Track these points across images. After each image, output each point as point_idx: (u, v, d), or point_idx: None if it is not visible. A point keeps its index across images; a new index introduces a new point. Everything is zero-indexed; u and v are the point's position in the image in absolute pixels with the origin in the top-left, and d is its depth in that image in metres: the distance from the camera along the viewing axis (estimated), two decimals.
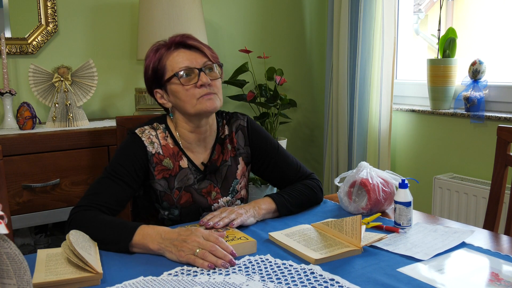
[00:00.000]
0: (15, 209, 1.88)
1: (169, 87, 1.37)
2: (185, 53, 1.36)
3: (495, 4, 2.54)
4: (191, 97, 1.34)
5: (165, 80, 1.37)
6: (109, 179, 1.31)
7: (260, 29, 3.01)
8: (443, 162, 2.49)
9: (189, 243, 1.07)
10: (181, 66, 1.34)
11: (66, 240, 1.07)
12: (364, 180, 1.37)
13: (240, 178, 1.49)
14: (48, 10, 2.32)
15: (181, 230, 1.12)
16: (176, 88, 1.35)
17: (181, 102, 1.36)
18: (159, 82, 1.39)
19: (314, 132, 3.31)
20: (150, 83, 1.41)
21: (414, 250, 1.12)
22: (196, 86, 1.34)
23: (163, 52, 1.37)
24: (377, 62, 2.61)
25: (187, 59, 1.35)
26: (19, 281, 0.75)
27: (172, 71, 1.35)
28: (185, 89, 1.34)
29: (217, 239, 1.09)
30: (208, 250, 1.06)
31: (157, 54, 1.38)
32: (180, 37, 1.38)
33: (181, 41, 1.38)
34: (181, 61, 1.35)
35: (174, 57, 1.36)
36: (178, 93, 1.35)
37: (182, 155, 1.42)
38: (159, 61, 1.37)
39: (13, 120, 2.16)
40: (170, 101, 1.40)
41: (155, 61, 1.37)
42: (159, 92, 1.41)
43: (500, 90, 2.29)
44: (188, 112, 1.36)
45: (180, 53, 1.36)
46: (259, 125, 1.55)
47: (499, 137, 1.53)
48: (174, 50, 1.37)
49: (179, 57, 1.35)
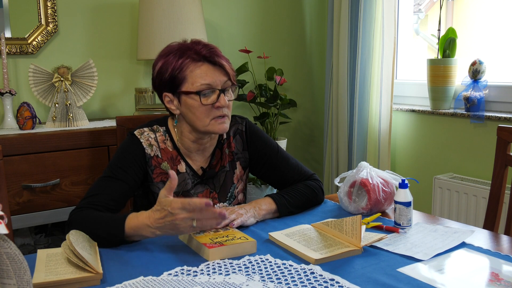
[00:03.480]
0: (15, 209, 1.88)
1: (184, 98, 1.34)
2: (209, 69, 1.33)
3: (495, 4, 2.54)
4: (205, 116, 1.33)
5: (182, 91, 1.33)
6: (108, 180, 1.32)
7: (260, 29, 3.02)
8: (443, 162, 2.49)
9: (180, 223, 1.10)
10: (203, 82, 1.31)
11: (66, 240, 1.07)
12: (364, 180, 1.37)
13: (237, 182, 1.50)
14: (48, 10, 2.32)
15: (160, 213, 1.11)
16: (193, 103, 1.33)
17: (193, 117, 1.34)
18: (173, 88, 1.35)
19: (314, 132, 3.31)
20: (162, 85, 1.37)
21: (414, 250, 1.12)
22: (213, 106, 1.33)
23: (187, 62, 1.32)
24: (377, 62, 2.61)
25: (211, 76, 1.32)
26: (19, 281, 0.75)
27: (192, 84, 1.32)
28: (201, 106, 1.32)
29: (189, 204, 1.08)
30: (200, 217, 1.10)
31: (179, 61, 1.33)
32: (207, 51, 1.33)
33: (208, 56, 1.33)
34: (204, 77, 1.32)
35: (198, 71, 1.32)
36: (193, 108, 1.33)
37: (180, 160, 1.42)
38: (181, 70, 1.32)
39: (13, 120, 2.16)
40: (180, 110, 1.37)
41: (177, 68, 1.33)
42: (168, 96, 1.37)
43: (500, 90, 2.29)
44: (198, 128, 1.36)
45: (205, 69, 1.32)
46: (258, 129, 1.55)
47: (499, 137, 1.53)
48: (199, 63, 1.33)
49: (203, 73, 1.32)
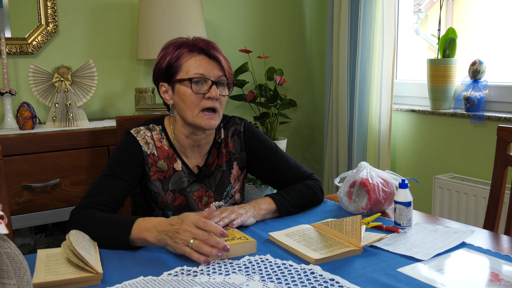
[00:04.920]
0: (15, 209, 1.88)
1: (178, 86, 1.37)
2: (204, 60, 1.36)
3: (495, 4, 2.54)
4: (195, 106, 1.35)
5: (176, 79, 1.37)
6: (107, 179, 1.33)
7: (260, 29, 3.01)
8: (443, 162, 2.49)
9: (181, 234, 1.08)
10: (196, 71, 1.34)
11: (66, 240, 1.07)
12: (364, 180, 1.37)
13: (234, 182, 1.50)
14: (48, 10, 2.32)
15: (172, 220, 1.12)
16: (185, 91, 1.35)
17: (184, 106, 1.37)
18: (169, 77, 1.39)
19: (314, 132, 3.31)
20: (159, 74, 1.41)
21: (414, 250, 1.12)
22: (204, 97, 1.35)
23: (184, 52, 1.36)
24: (377, 62, 2.61)
25: (205, 67, 1.35)
26: (19, 281, 0.75)
27: (186, 73, 1.35)
28: (192, 94, 1.34)
29: (205, 223, 1.08)
30: (201, 239, 1.06)
31: (177, 51, 1.37)
32: (205, 44, 1.37)
33: (204, 48, 1.37)
34: (198, 67, 1.35)
35: (193, 60, 1.36)
36: (185, 96, 1.36)
37: (176, 158, 1.43)
38: (177, 59, 1.36)
39: (13, 120, 2.16)
40: (173, 99, 1.40)
41: (173, 57, 1.37)
42: (164, 86, 1.41)
43: (500, 90, 2.29)
44: (186, 119, 1.38)
45: (200, 59, 1.36)
46: (257, 130, 1.55)
47: (499, 137, 1.53)
48: (195, 53, 1.36)
49: (198, 63, 1.35)
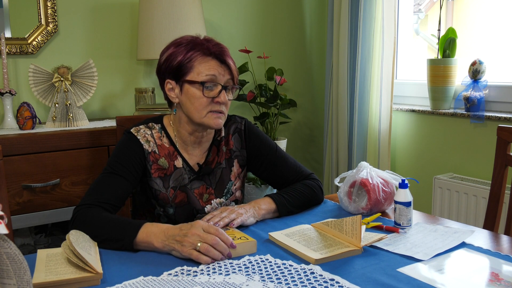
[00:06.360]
0: (15, 209, 1.88)
1: (187, 87, 1.37)
2: (216, 64, 1.38)
3: (495, 4, 2.54)
4: (203, 107, 1.36)
5: (186, 79, 1.37)
6: (109, 177, 1.33)
7: (260, 29, 3.01)
8: (443, 162, 2.49)
9: (189, 237, 1.08)
10: (208, 73, 1.36)
11: (66, 240, 1.07)
12: (364, 180, 1.37)
13: (234, 179, 1.51)
14: (48, 10, 2.32)
15: (182, 225, 1.13)
16: (194, 93, 1.36)
17: (191, 107, 1.38)
18: (178, 76, 1.39)
19: (314, 132, 3.31)
20: (167, 71, 1.41)
21: (414, 250, 1.12)
22: (213, 100, 1.36)
23: (198, 54, 1.37)
24: (377, 62, 2.61)
25: (217, 70, 1.37)
26: (19, 281, 0.75)
27: (198, 74, 1.36)
28: (202, 97, 1.36)
29: (217, 230, 1.10)
30: (209, 243, 1.07)
31: (189, 52, 1.38)
32: (219, 49, 1.39)
33: (218, 54, 1.38)
34: (210, 70, 1.36)
35: (206, 64, 1.37)
36: (193, 98, 1.37)
37: (177, 155, 1.44)
38: (190, 60, 1.37)
39: (13, 120, 2.16)
40: (180, 98, 1.40)
41: (186, 58, 1.37)
42: (171, 83, 1.41)
43: (500, 90, 2.29)
44: (193, 119, 1.39)
45: (213, 63, 1.37)
46: (257, 128, 1.56)
47: (499, 137, 1.53)
48: (209, 58, 1.38)
49: (210, 66, 1.37)
